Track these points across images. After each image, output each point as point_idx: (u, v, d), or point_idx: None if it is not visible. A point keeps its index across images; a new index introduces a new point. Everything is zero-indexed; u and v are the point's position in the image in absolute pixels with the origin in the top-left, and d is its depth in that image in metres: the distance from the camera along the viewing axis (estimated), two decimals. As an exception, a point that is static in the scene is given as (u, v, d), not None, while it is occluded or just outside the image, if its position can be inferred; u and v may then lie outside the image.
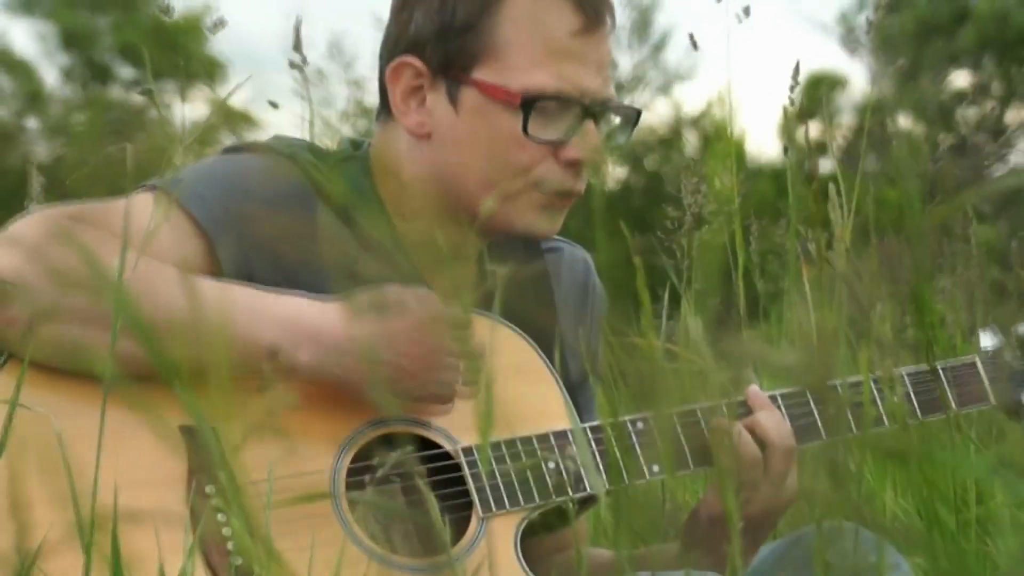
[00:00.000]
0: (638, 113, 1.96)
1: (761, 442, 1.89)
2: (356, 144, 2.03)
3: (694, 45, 3.33)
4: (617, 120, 1.96)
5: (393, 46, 1.94)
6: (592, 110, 1.89)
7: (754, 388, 1.93)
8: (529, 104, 1.85)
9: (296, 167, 1.87)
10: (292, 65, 2.81)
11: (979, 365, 2.11)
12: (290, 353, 1.71)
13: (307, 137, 2.67)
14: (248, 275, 1.81)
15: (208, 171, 1.87)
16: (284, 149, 1.92)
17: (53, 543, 1.46)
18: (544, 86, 1.85)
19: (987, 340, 2.14)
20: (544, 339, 1.94)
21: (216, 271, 1.80)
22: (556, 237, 2.05)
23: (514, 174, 1.88)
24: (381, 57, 1.98)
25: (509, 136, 1.86)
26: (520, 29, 1.86)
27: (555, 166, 1.89)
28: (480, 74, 1.87)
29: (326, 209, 1.85)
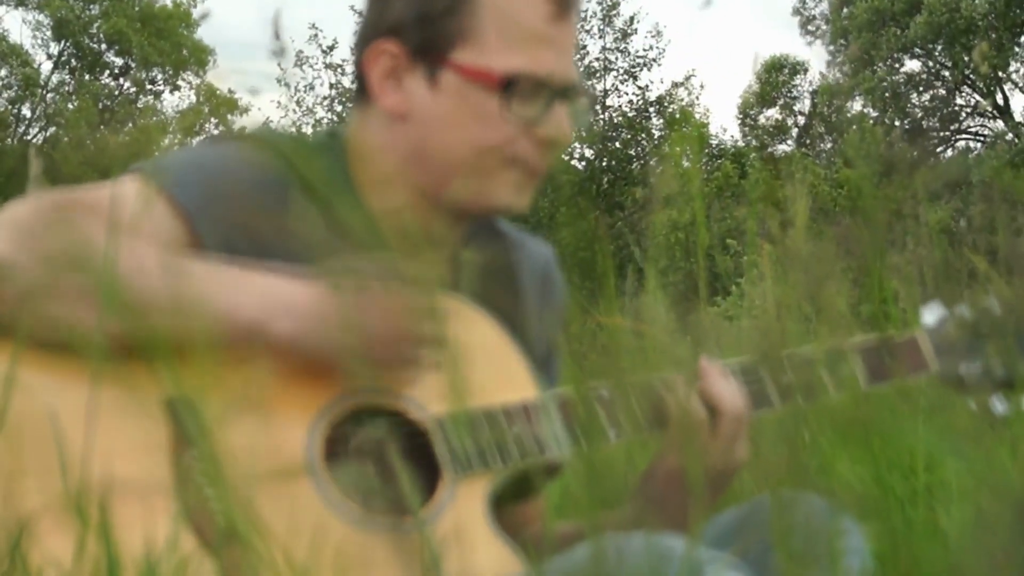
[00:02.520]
0: (597, 97, 2.01)
1: (712, 406, 1.94)
2: (333, 133, 2.07)
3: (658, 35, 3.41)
4: (581, 102, 2.01)
5: (371, 31, 1.99)
6: (563, 92, 1.96)
7: (707, 359, 1.98)
8: (507, 85, 1.91)
9: (275, 154, 1.90)
10: (273, 54, 2.85)
11: (920, 338, 2.16)
12: (267, 325, 1.75)
13: (287, 121, 2.71)
14: (228, 260, 1.82)
15: (190, 158, 1.91)
16: (264, 137, 1.95)
17: (43, 514, 1.51)
18: (520, 69, 1.92)
19: (929, 315, 2.20)
20: (510, 322, 1.99)
21: (198, 254, 1.83)
22: (520, 231, 2.12)
23: (490, 151, 1.94)
24: (358, 42, 2.03)
25: (486, 114, 1.92)
26: (497, 14, 1.93)
27: (529, 145, 1.95)
28: (458, 56, 1.93)
29: (302, 194, 1.88)
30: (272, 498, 1.70)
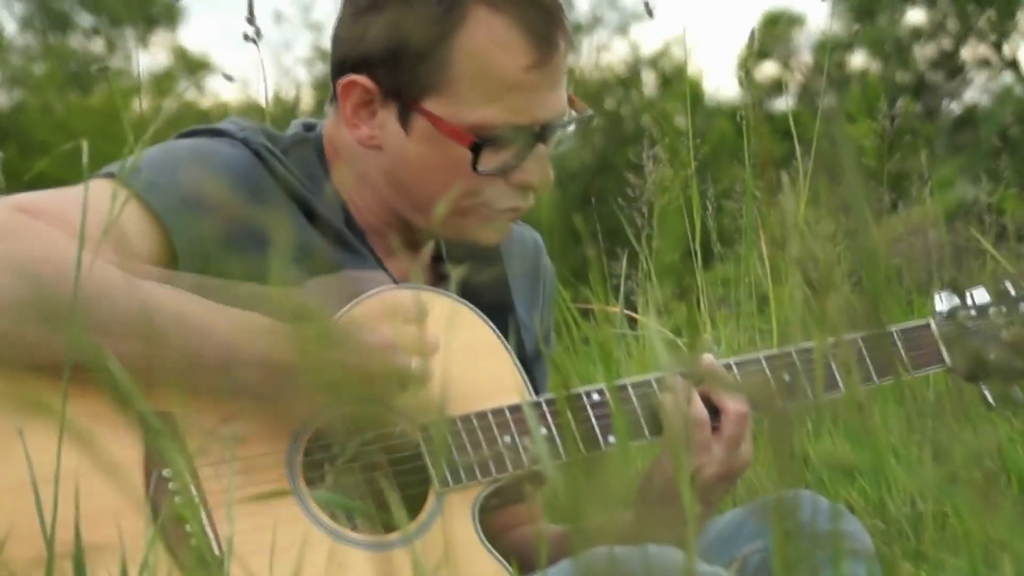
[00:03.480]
0: (591, 116, 1.97)
1: (715, 407, 1.88)
2: (309, 126, 2.03)
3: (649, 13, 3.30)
4: (571, 127, 1.96)
5: (344, 57, 1.93)
6: (543, 135, 1.89)
7: (709, 356, 1.92)
8: (479, 145, 1.85)
9: (250, 152, 1.88)
10: (248, 20, 2.73)
11: (933, 327, 2.08)
12: (241, 347, 1.71)
13: (265, 85, 2.66)
14: (203, 262, 1.80)
15: (163, 158, 1.85)
16: (238, 133, 1.91)
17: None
18: (495, 121, 1.85)
19: (942, 303, 2.10)
20: (498, 316, 1.95)
21: (172, 258, 1.80)
22: None
23: (463, 196, 1.89)
24: (332, 63, 1.97)
25: (459, 166, 1.87)
26: (473, 64, 1.85)
27: (504, 188, 1.90)
28: (431, 105, 1.87)
29: (280, 194, 1.87)
30: (256, 518, 1.70)
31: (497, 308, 1.97)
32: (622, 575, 1.30)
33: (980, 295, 2.11)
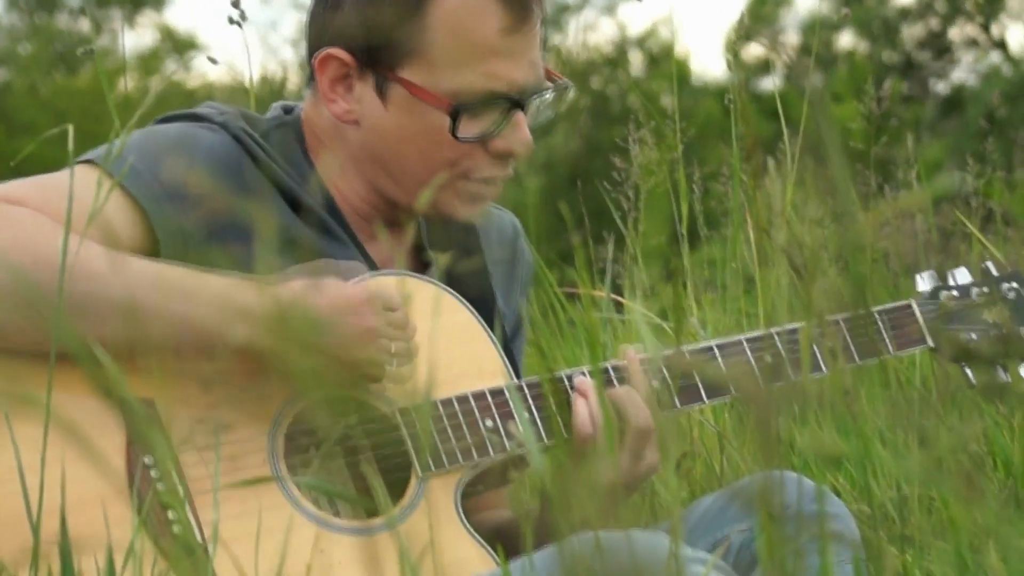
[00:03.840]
0: (567, 87, 1.98)
1: (620, 416, 1.87)
2: (288, 109, 2.03)
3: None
4: (548, 97, 1.96)
5: (320, 32, 1.93)
6: (521, 102, 1.90)
7: (630, 352, 1.91)
8: (457, 110, 1.86)
9: (230, 137, 1.88)
10: (232, 4, 2.71)
11: (915, 308, 2.07)
12: (222, 330, 1.71)
13: (249, 67, 2.65)
14: (184, 247, 1.81)
15: (143, 144, 1.85)
16: (216, 118, 1.91)
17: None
18: (472, 86, 1.86)
19: (924, 283, 2.10)
20: (479, 302, 1.95)
21: (154, 245, 1.80)
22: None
23: (441, 166, 1.89)
24: (308, 39, 1.97)
25: (438, 134, 1.88)
26: (448, 30, 1.86)
27: (484, 157, 1.90)
28: (407, 73, 1.87)
29: (261, 180, 1.87)
30: (237, 505, 1.71)
31: (478, 294, 1.98)
32: (606, 560, 1.30)
33: (962, 275, 2.11)
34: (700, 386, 1.94)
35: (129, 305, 1.66)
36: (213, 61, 2.53)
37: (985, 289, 2.10)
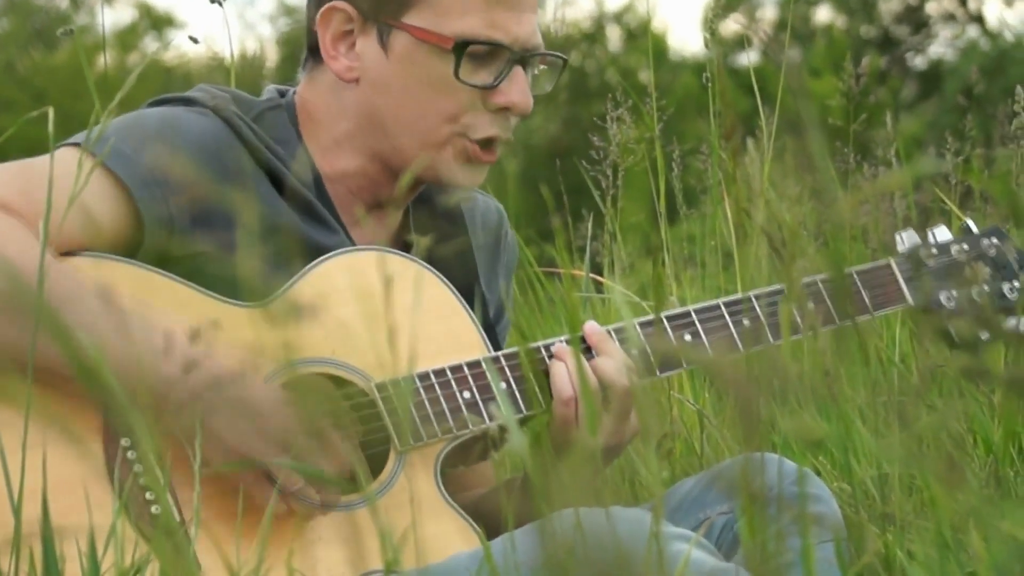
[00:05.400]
0: (565, 61, 2.01)
1: (601, 381, 1.87)
2: (282, 92, 2.03)
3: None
4: (543, 67, 1.99)
5: None
6: (522, 56, 1.91)
7: (592, 325, 1.91)
8: (461, 49, 1.87)
9: (221, 121, 1.88)
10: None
11: (894, 266, 2.07)
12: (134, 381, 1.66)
13: (231, 46, 2.64)
14: (169, 231, 1.81)
15: (131, 128, 1.84)
16: (208, 101, 1.90)
17: None
18: (476, 31, 1.88)
19: (903, 243, 2.09)
20: (461, 282, 1.95)
21: (139, 229, 1.80)
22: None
23: (442, 120, 1.91)
24: (309, 2, 1.97)
25: (439, 80, 1.89)
26: None
27: (483, 113, 1.92)
28: (411, 19, 1.89)
29: (250, 165, 1.87)
30: (215, 484, 1.71)
31: (462, 277, 1.98)
32: (587, 537, 1.30)
33: (942, 233, 2.11)
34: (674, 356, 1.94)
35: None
36: (194, 41, 2.51)
37: (965, 246, 2.10)
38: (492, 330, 2.02)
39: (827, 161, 1.11)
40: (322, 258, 1.83)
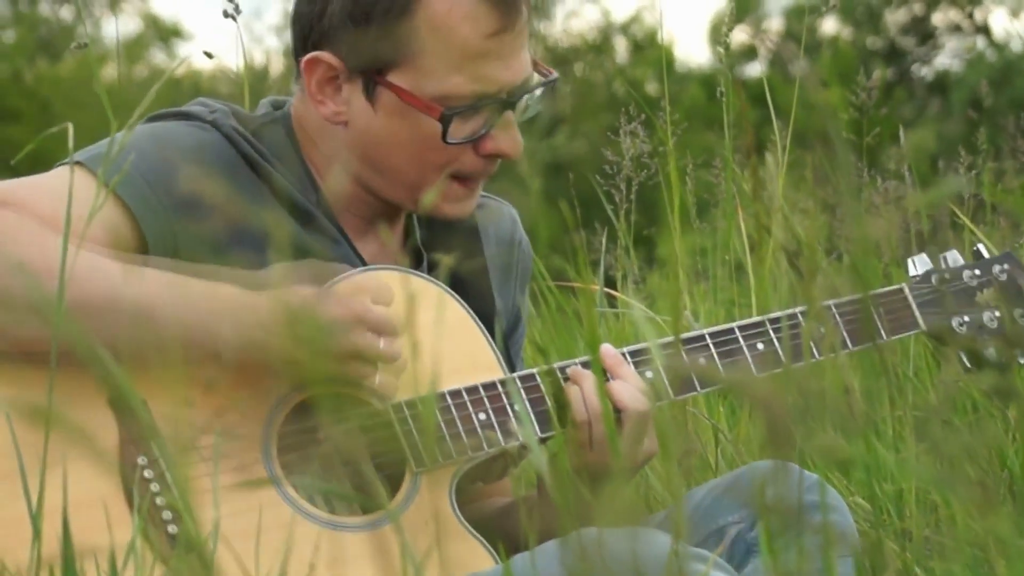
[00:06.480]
0: (555, 80, 1.97)
1: (616, 405, 1.87)
2: (277, 104, 2.02)
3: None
4: (537, 93, 1.95)
5: (306, 32, 1.91)
6: (510, 101, 1.89)
7: (607, 348, 1.91)
8: (448, 117, 1.85)
9: (220, 135, 1.87)
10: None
11: (907, 292, 2.07)
12: (213, 331, 1.72)
13: (243, 59, 2.64)
14: (174, 248, 1.80)
15: (132, 144, 1.81)
16: (207, 116, 1.90)
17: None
18: (461, 90, 1.85)
19: (915, 268, 2.10)
20: (475, 297, 1.95)
21: (142, 245, 1.80)
22: (484, 193, 2.06)
23: (431, 170, 1.89)
24: (294, 37, 1.94)
25: (428, 139, 1.87)
26: (435, 35, 1.84)
27: (474, 157, 1.90)
28: (396, 78, 1.86)
29: (251, 179, 1.86)
30: (233, 503, 1.71)
31: (476, 293, 1.98)
32: (608, 558, 1.30)
33: (954, 258, 2.12)
34: (694, 378, 1.94)
35: (135, 310, 1.67)
36: (208, 56, 2.51)
37: (977, 272, 2.10)
38: (507, 343, 2.02)
39: (851, 179, 1.12)
40: (336, 279, 1.82)
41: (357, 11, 1.85)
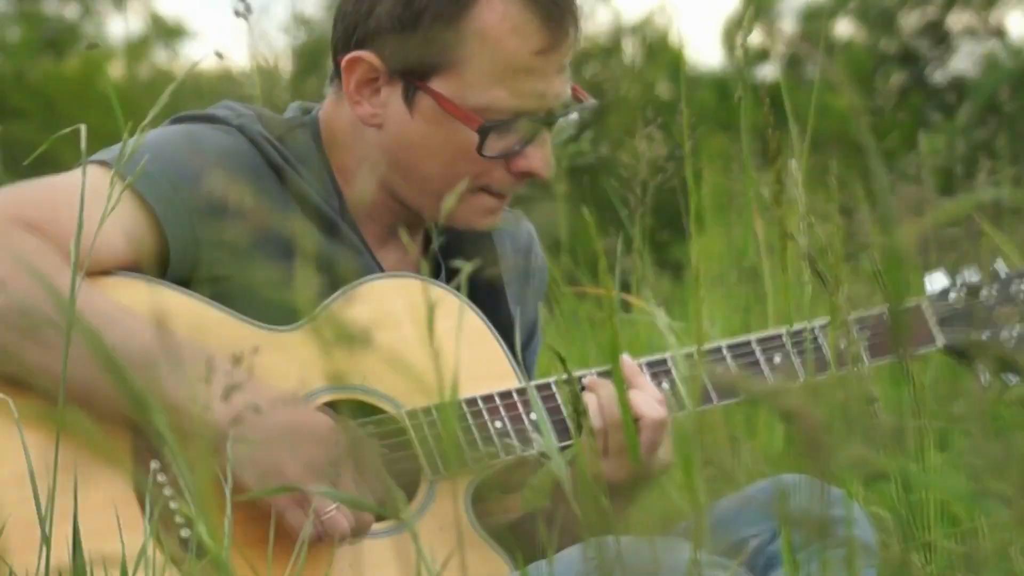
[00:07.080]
0: (593, 107, 1.97)
1: (634, 415, 1.87)
2: (306, 110, 2.01)
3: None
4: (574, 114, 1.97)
5: (351, 33, 1.90)
6: (548, 121, 1.89)
7: (625, 358, 1.91)
8: (487, 129, 1.84)
9: (245, 140, 1.87)
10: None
11: (924, 308, 2.07)
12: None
13: (256, 61, 2.64)
14: (195, 254, 1.80)
15: (156, 146, 1.82)
16: (233, 120, 1.89)
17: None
18: (502, 103, 1.84)
19: (934, 283, 2.09)
20: (491, 306, 1.95)
21: (164, 249, 1.79)
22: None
23: (464, 181, 1.83)
24: (337, 37, 1.93)
25: (463, 149, 1.86)
26: (483, 45, 1.84)
27: (503, 174, 1.89)
28: (438, 85, 1.85)
29: (274, 185, 1.85)
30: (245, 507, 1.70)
31: (492, 302, 1.98)
32: (627, 567, 1.29)
33: (971, 275, 2.11)
34: (710, 389, 1.93)
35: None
36: (220, 56, 2.50)
37: (994, 289, 2.09)
38: (522, 353, 2.01)
39: (884, 185, 1.10)
40: (349, 286, 1.82)
41: (407, 14, 1.84)
